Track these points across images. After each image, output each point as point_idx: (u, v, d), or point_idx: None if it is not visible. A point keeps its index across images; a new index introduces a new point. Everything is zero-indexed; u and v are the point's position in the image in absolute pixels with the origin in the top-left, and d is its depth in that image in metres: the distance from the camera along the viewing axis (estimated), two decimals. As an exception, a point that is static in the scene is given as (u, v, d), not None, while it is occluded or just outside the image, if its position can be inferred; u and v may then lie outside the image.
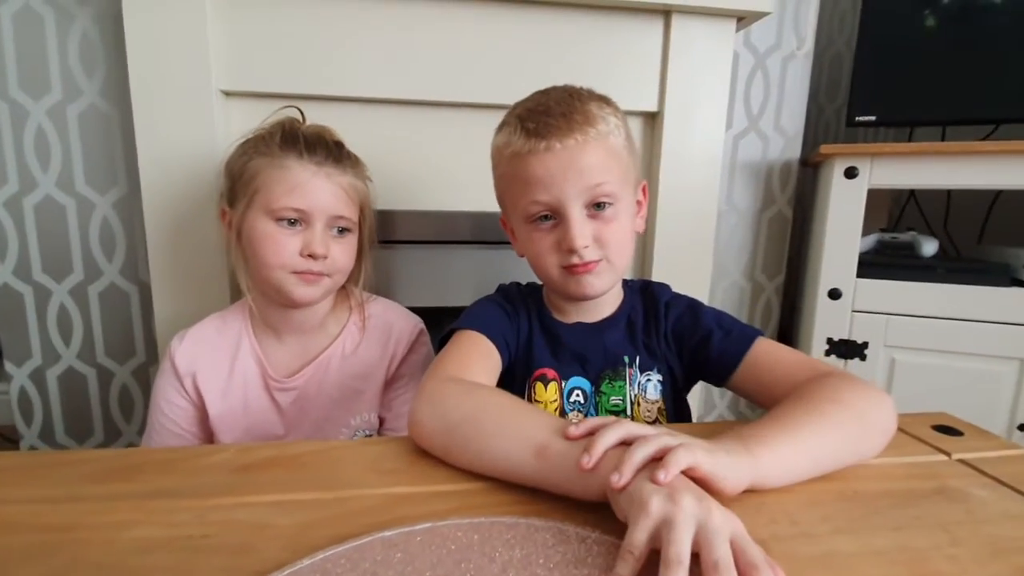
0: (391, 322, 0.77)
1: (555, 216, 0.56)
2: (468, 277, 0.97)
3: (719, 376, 0.59)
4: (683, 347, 0.62)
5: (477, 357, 0.56)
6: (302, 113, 0.74)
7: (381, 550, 0.32)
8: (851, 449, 0.44)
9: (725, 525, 0.29)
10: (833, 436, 0.42)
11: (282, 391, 0.72)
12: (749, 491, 0.37)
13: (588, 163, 0.54)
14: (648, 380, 0.62)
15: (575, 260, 0.56)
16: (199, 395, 0.70)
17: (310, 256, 0.65)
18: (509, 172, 0.58)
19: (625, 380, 0.61)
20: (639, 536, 0.30)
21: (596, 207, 0.56)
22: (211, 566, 0.31)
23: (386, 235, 0.90)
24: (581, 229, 0.55)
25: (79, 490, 0.38)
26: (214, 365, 0.71)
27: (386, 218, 0.89)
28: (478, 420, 0.43)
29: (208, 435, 0.72)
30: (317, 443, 0.46)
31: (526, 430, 0.41)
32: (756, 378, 0.56)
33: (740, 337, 0.58)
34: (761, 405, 0.55)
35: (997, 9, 1.04)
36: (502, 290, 0.69)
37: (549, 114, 0.55)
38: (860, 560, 0.33)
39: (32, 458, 0.44)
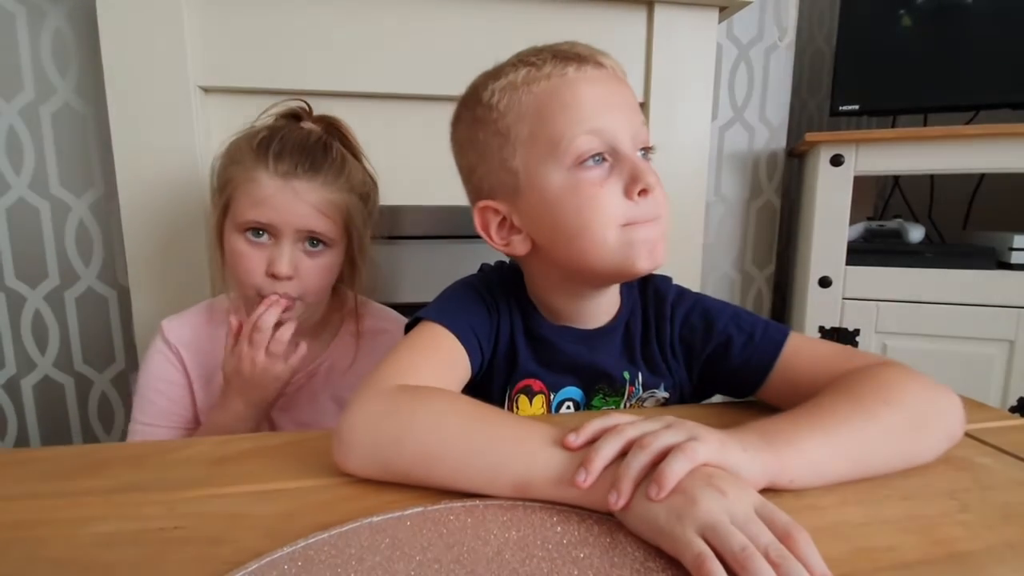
0: (383, 331, 0.72)
1: (608, 157, 0.44)
2: (467, 271, 0.94)
3: (745, 388, 0.49)
4: (693, 357, 0.52)
5: (437, 364, 0.43)
6: (308, 106, 0.68)
7: (368, 536, 0.30)
8: (901, 455, 0.37)
9: (746, 505, 0.28)
10: (879, 440, 0.36)
11: None
12: None
13: (628, 97, 0.46)
14: (651, 396, 0.52)
15: (652, 206, 0.43)
16: (188, 376, 0.67)
17: (273, 276, 0.60)
18: (542, 106, 0.44)
19: (623, 397, 0.51)
20: (695, 550, 0.26)
21: (643, 152, 0.46)
22: (182, 558, 0.29)
23: (387, 230, 0.87)
24: (647, 166, 0.43)
25: (40, 487, 0.36)
26: (204, 358, 0.67)
27: (385, 213, 0.87)
28: (429, 457, 0.34)
29: (196, 425, 0.68)
30: (298, 434, 0.44)
31: (500, 465, 0.33)
32: (790, 385, 0.46)
33: (766, 340, 0.48)
34: None
35: (973, -3, 1.06)
36: (483, 274, 0.57)
37: (572, 46, 0.46)
38: (870, 529, 0.32)
39: (-8, 458, 0.41)
